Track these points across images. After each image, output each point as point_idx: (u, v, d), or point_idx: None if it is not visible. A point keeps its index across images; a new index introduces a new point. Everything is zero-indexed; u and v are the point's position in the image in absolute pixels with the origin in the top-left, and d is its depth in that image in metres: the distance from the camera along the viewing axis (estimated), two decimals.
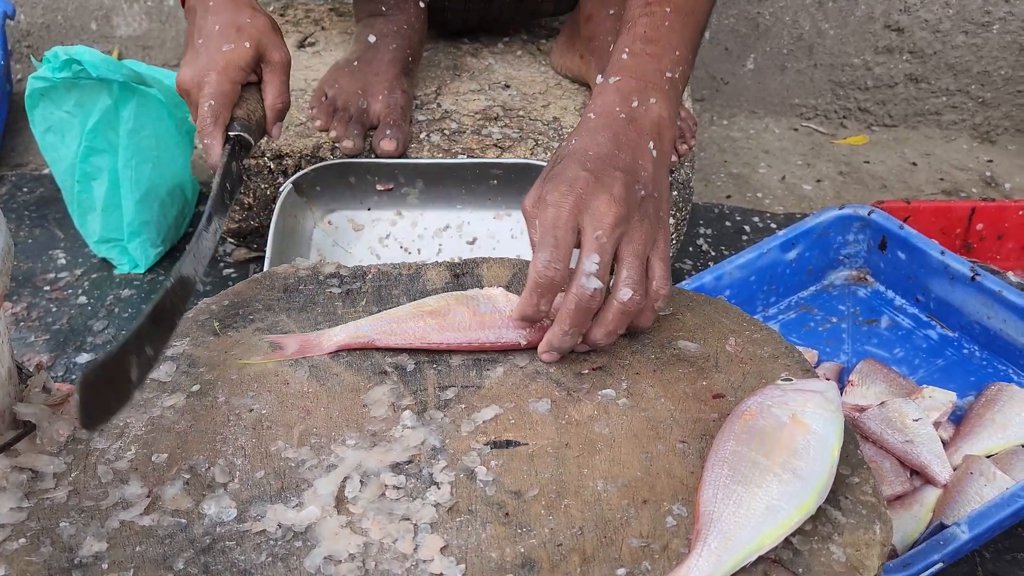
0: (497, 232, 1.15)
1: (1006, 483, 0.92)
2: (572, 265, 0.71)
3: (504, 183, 1.13)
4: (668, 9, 0.82)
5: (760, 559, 0.58)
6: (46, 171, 1.57)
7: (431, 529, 0.61)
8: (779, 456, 0.61)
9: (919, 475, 0.97)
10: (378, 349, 0.76)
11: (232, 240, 1.28)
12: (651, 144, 0.76)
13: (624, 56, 0.80)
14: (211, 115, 0.90)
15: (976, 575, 0.94)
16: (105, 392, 0.60)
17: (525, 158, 1.16)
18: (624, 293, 0.71)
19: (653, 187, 0.74)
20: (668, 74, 0.80)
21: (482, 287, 0.83)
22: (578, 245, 0.71)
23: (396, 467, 0.66)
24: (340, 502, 0.64)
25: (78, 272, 1.35)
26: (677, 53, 0.81)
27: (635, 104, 0.77)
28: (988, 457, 0.97)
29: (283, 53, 0.96)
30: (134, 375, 0.63)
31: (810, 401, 0.64)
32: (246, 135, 0.92)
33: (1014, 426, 0.99)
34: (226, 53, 0.92)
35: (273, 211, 1.08)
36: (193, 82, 0.92)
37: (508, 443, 0.68)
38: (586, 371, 0.74)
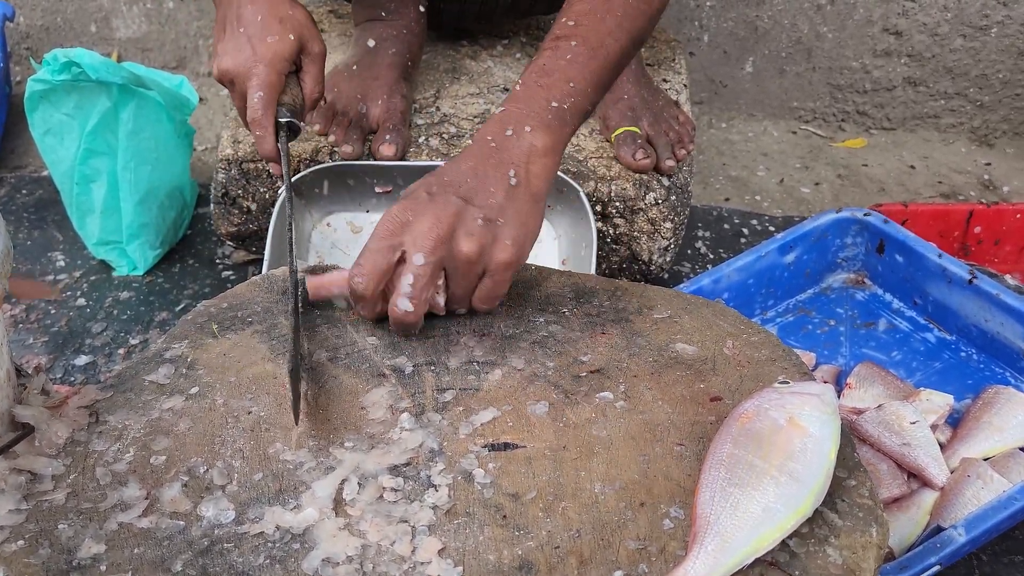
0: None
1: (1003, 486, 0.92)
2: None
3: None
4: (574, 43, 0.84)
5: (757, 561, 0.58)
6: (45, 173, 1.58)
7: (429, 531, 0.62)
8: (776, 459, 0.61)
9: (916, 478, 0.97)
10: (377, 351, 0.76)
11: (231, 243, 1.28)
12: (511, 172, 0.77)
13: (517, 88, 0.83)
14: (261, 106, 0.95)
15: None
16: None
17: None
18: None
19: (498, 214, 0.76)
20: (554, 103, 0.81)
21: None
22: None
23: (394, 469, 0.66)
24: (338, 504, 0.64)
25: (77, 274, 1.35)
26: (571, 85, 0.82)
27: (508, 133, 0.79)
28: (985, 460, 0.97)
29: (321, 45, 1.01)
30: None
31: (807, 404, 0.64)
32: (296, 121, 0.98)
33: (1011, 429, 0.99)
34: (271, 44, 0.95)
35: (271, 214, 1.09)
36: (238, 71, 0.96)
37: (506, 446, 0.68)
38: (584, 374, 0.74)
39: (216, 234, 1.33)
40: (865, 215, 1.21)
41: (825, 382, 1.09)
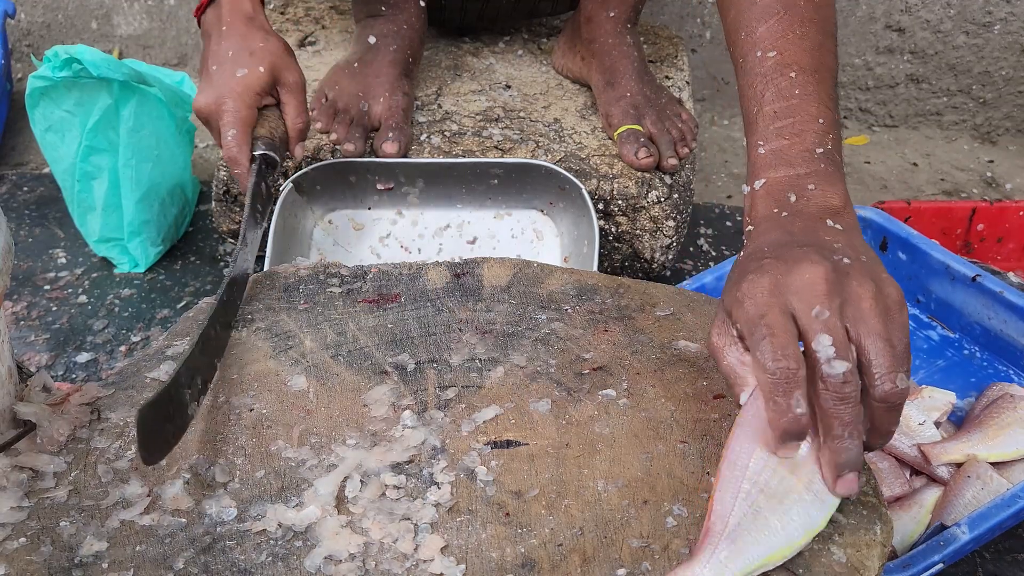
0: (497, 232, 1.15)
1: (1003, 487, 0.92)
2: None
3: (505, 183, 1.13)
4: (793, 74, 0.71)
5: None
6: (46, 170, 1.57)
7: (431, 529, 0.61)
8: (805, 476, 0.58)
9: (919, 476, 0.97)
10: (378, 348, 0.76)
11: (232, 240, 1.28)
12: (829, 222, 0.65)
13: (761, 151, 0.70)
14: (235, 143, 0.94)
15: None
16: (162, 426, 0.63)
17: (526, 158, 1.16)
18: (885, 385, 0.56)
19: (856, 253, 0.61)
20: (819, 150, 0.69)
21: (483, 287, 0.83)
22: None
23: (396, 467, 0.66)
24: (340, 502, 0.64)
25: (78, 271, 1.35)
26: (821, 121, 0.70)
27: (793, 199, 0.67)
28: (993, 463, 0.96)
29: (297, 75, 1.00)
30: (190, 408, 0.66)
31: None
32: (271, 153, 0.96)
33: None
34: (241, 79, 0.95)
35: (272, 212, 1.08)
36: (210, 108, 0.96)
37: (508, 443, 0.68)
38: (586, 371, 0.74)
39: (217, 231, 1.32)
40: (871, 210, 1.21)
41: None
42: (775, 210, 0.67)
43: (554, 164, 1.12)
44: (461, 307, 0.81)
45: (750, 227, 0.69)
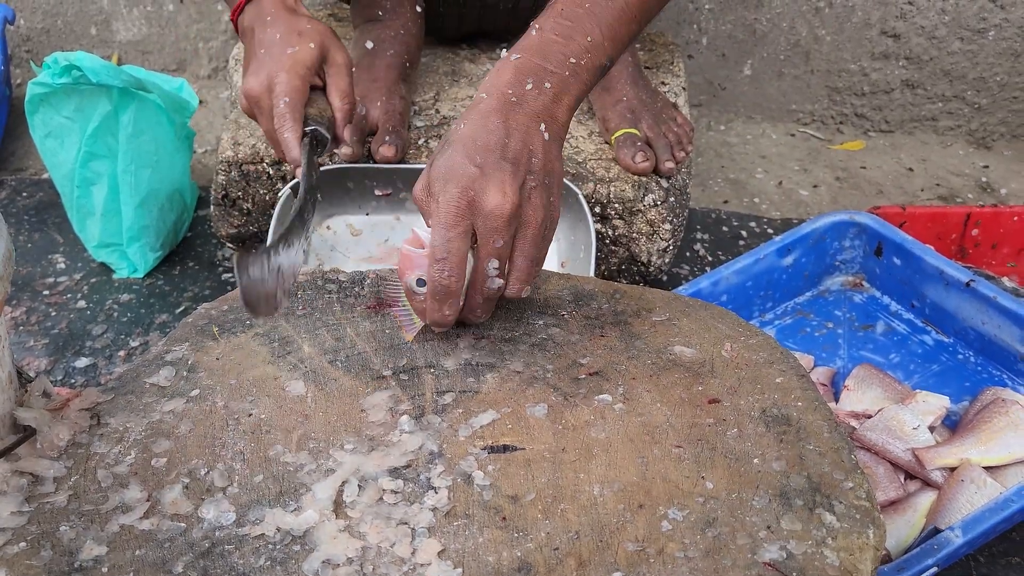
0: None
1: (996, 490, 0.92)
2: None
3: None
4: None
5: (754, 563, 0.58)
6: (46, 176, 1.58)
7: (428, 533, 0.62)
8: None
9: (913, 480, 0.97)
10: (376, 354, 0.77)
11: (231, 245, 1.28)
12: (542, 127, 0.76)
13: (533, 33, 0.79)
14: (288, 110, 0.93)
15: None
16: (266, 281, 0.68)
17: None
18: (514, 288, 0.76)
19: (544, 174, 0.75)
20: (573, 60, 0.78)
21: None
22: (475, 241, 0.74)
23: (394, 472, 0.66)
24: (338, 506, 0.64)
25: (77, 277, 1.35)
26: (589, 39, 0.79)
27: (528, 87, 0.76)
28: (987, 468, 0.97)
29: (345, 55, 1.00)
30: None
31: None
32: (321, 130, 0.95)
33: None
34: (292, 54, 0.95)
35: (271, 216, 1.09)
36: (262, 87, 0.95)
37: (505, 448, 0.68)
38: (583, 376, 0.74)
39: (216, 236, 1.33)
40: (865, 217, 1.22)
41: (823, 384, 1.09)
42: (509, 91, 0.76)
43: None
44: None
45: (483, 94, 0.76)
